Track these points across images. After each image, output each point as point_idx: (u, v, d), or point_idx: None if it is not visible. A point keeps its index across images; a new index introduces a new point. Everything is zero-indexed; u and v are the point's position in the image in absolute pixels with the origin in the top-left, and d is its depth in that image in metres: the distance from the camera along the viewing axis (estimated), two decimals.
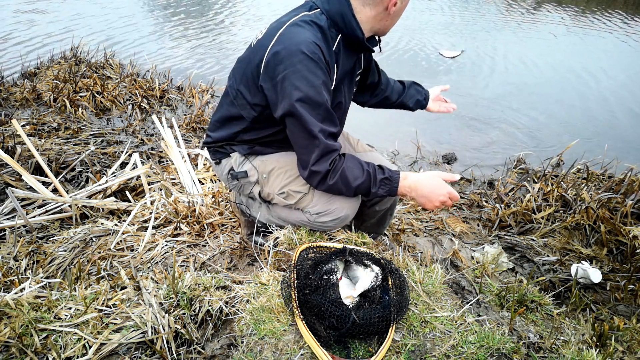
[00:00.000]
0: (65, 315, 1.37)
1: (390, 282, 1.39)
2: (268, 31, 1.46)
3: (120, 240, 2.07)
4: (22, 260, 1.96)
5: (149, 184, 2.65)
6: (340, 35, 1.45)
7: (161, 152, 3.18)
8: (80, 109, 3.77)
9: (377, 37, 1.57)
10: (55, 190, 2.45)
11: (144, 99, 4.12)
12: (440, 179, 1.49)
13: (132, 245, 2.05)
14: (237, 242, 2.00)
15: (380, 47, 1.59)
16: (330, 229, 1.71)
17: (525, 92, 5.20)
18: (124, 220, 2.24)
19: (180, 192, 2.49)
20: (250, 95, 1.50)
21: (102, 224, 2.19)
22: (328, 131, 1.40)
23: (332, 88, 1.46)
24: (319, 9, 1.43)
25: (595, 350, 1.34)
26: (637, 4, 10.26)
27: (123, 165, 2.90)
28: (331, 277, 1.36)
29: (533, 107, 4.81)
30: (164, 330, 1.32)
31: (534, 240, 2.45)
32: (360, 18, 1.43)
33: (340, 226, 1.69)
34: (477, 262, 2.14)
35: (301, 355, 1.21)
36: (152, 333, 1.31)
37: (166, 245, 2.03)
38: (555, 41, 7.37)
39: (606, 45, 7.24)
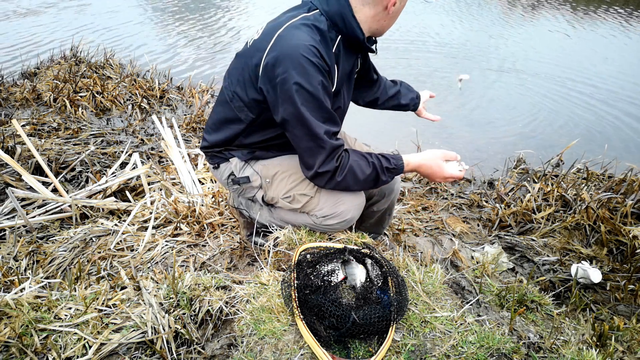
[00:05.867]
0: (65, 315, 1.37)
1: (389, 282, 1.39)
2: (265, 31, 1.44)
3: (120, 240, 2.07)
4: (22, 260, 1.96)
5: (149, 184, 2.65)
6: (340, 37, 1.44)
7: (161, 152, 3.18)
8: (80, 109, 3.77)
9: (373, 38, 1.57)
10: (55, 190, 2.45)
11: (144, 99, 4.12)
12: (439, 162, 1.56)
13: (132, 245, 2.05)
14: (237, 242, 2.00)
15: (375, 48, 1.58)
16: (336, 231, 1.71)
17: (525, 91, 5.20)
18: (124, 220, 2.24)
19: (180, 192, 2.49)
20: (248, 97, 1.47)
21: (102, 224, 2.19)
22: (331, 131, 1.41)
23: (332, 90, 1.45)
24: (318, 10, 1.41)
25: (595, 350, 1.34)
26: (637, 3, 10.25)
27: (123, 165, 2.90)
28: (332, 277, 1.37)
29: (533, 107, 4.81)
30: (164, 330, 1.32)
31: (534, 240, 2.45)
32: (360, 18, 1.42)
33: (346, 228, 1.69)
34: (477, 262, 2.13)
35: (301, 355, 1.21)
36: (152, 333, 1.31)
37: (166, 245, 2.03)
38: (556, 40, 7.37)
39: (607, 44, 7.24)
